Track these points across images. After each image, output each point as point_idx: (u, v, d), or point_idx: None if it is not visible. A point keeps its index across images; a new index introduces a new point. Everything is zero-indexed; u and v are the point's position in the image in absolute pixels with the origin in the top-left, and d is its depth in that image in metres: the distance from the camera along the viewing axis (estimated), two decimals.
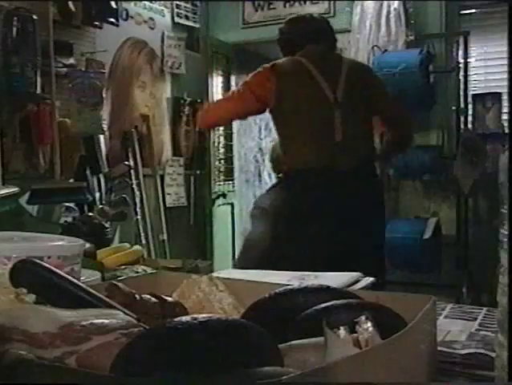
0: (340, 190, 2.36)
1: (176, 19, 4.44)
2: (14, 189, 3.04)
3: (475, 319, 1.06)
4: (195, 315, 0.63)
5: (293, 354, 0.66)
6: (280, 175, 2.80)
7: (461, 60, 3.89)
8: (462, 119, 3.85)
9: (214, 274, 1.14)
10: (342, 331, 0.67)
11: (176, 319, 0.62)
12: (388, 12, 3.99)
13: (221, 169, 4.99)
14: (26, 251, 0.93)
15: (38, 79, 2.99)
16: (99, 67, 3.61)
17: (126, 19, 3.97)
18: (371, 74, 2.66)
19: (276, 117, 2.50)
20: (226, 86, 5.00)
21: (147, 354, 0.58)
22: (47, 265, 0.79)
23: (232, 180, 5.11)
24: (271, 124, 2.68)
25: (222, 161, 4.99)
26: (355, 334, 0.67)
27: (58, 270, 0.80)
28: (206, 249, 4.71)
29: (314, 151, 2.38)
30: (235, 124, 4.94)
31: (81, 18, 3.51)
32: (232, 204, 5.07)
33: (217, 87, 4.92)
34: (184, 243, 4.40)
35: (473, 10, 4.09)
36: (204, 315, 0.63)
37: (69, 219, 2.52)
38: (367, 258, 2.30)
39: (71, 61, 3.43)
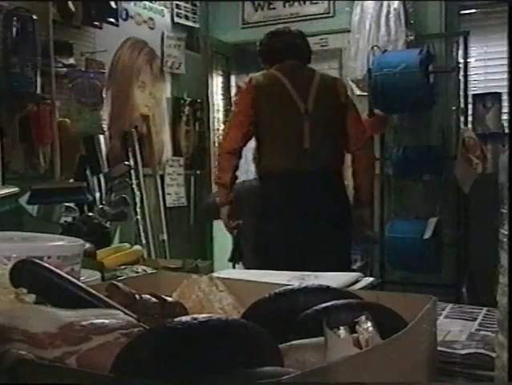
0: (306, 191, 2.62)
1: (176, 19, 4.44)
2: (14, 189, 3.05)
3: (475, 319, 1.06)
4: (195, 315, 0.63)
5: (293, 354, 0.66)
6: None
7: (461, 60, 3.89)
8: (462, 119, 3.85)
9: (214, 274, 1.14)
10: (342, 331, 0.67)
11: (176, 319, 0.62)
12: (388, 12, 3.99)
13: None
14: (26, 251, 0.93)
15: (38, 79, 2.99)
16: (99, 67, 3.61)
17: (126, 19, 3.97)
18: (340, 87, 2.84)
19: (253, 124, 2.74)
20: (226, 86, 5.00)
21: (147, 354, 0.58)
22: (47, 265, 0.79)
23: None
24: None
25: None
26: (355, 334, 0.67)
27: (58, 270, 0.80)
28: (206, 249, 4.71)
29: (284, 157, 2.66)
30: None
31: (81, 18, 3.51)
32: None
33: (216, 87, 4.93)
34: (184, 243, 4.40)
35: (473, 10, 4.10)
36: (204, 315, 0.63)
37: (69, 219, 2.52)
38: (332, 253, 2.61)
39: (71, 61, 3.43)
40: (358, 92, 4.22)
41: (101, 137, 3.61)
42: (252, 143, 2.81)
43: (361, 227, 2.88)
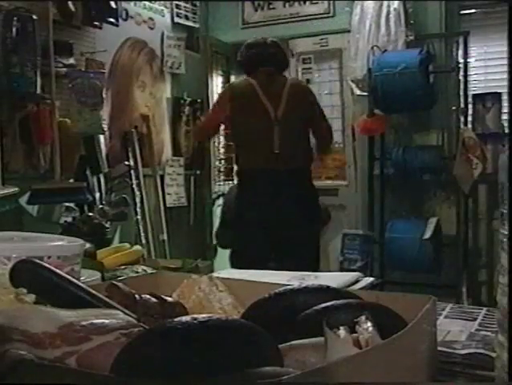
0: (277, 188, 2.96)
1: (176, 19, 4.44)
2: (13, 189, 3.05)
3: (475, 319, 1.06)
4: (195, 315, 0.63)
5: (293, 354, 0.66)
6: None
7: (461, 60, 3.88)
8: (462, 119, 3.85)
9: (214, 274, 1.14)
10: (342, 331, 0.67)
11: (176, 319, 0.62)
12: (388, 12, 3.99)
13: (221, 169, 4.99)
14: (26, 251, 0.93)
15: (38, 79, 2.98)
16: (99, 67, 3.61)
17: (126, 19, 3.97)
18: (308, 94, 3.19)
19: (230, 127, 3.21)
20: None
21: (147, 354, 0.58)
22: (47, 265, 0.79)
23: (232, 180, 5.11)
24: None
25: (222, 161, 4.99)
26: (355, 334, 0.67)
27: (58, 270, 0.80)
28: (206, 249, 4.71)
29: (256, 158, 3.01)
30: None
31: (81, 18, 3.51)
32: None
33: (216, 86, 4.92)
34: (184, 243, 4.40)
35: (473, 10, 4.09)
36: (204, 315, 0.63)
37: (69, 219, 2.52)
38: (302, 239, 3.03)
39: (71, 61, 3.43)
40: (358, 92, 4.22)
41: (101, 137, 3.61)
42: None
43: None
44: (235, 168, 3.26)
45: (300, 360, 0.65)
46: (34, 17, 2.99)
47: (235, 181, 3.53)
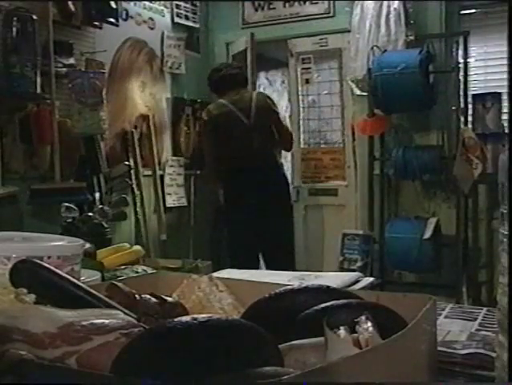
0: (256, 181, 3.56)
1: (176, 19, 4.44)
2: (13, 189, 3.05)
3: (475, 319, 1.06)
4: (195, 315, 0.63)
5: (293, 354, 0.66)
6: None
7: (461, 60, 3.88)
8: (462, 119, 3.85)
9: (214, 274, 1.14)
10: (342, 331, 0.67)
11: (176, 319, 0.62)
12: (388, 12, 3.99)
13: None
14: (26, 251, 0.93)
15: (38, 79, 2.98)
16: (99, 67, 3.61)
17: (126, 19, 3.97)
18: (270, 104, 3.74)
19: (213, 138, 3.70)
20: None
21: (147, 354, 0.58)
22: (47, 265, 0.79)
23: None
24: None
25: None
26: (355, 334, 0.67)
27: (58, 270, 0.80)
28: (206, 249, 4.71)
29: (238, 157, 3.60)
30: None
31: (81, 18, 3.51)
32: None
33: None
34: (184, 243, 4.40)
35: (473, 10, 4.09)
36: (204, 315, 0.63)
37: (69, 219, 2.52)
38: (278, 219, 3.67)
39: (71, 61, 3.43)
40: (358, 92, 4.22)
41: (101, 137, 3.61)
42: None
43: None
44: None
45: (300, 360, 0.65)
46: (34, 17, 2.99)
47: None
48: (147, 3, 4.18)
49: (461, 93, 3.83)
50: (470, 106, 3.86)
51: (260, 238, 3.67)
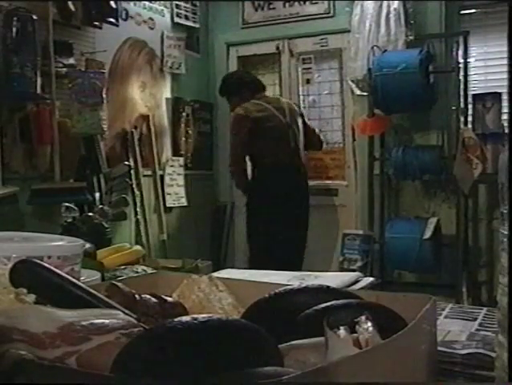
0: (294, 179, 3.80)
1: (176, 19, 4.44)
2: (14, 189, 3.05)
3: (475, 319, 1.06)
4: (195, 315, 0.63)
5: (293, 354, 0.66)
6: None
7: (461, 60, 3.88)
8: (462, 119, 3.85)
9: (214, 274, 1.14)
10: (342, 331, 0.67)
11: (176, 319, 0.62)
12: (388, 12, 3.99)
13: None
14: (26, 251, 0.93)
15: (38, 79, 2.98)
16: (99, 67, 3.61)
17: (126, 19, 3.97)
18: (296, 106, 3.97)
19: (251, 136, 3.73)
20: None
21: (147, 354, 0.58)
22: (47, 265, 0.79)
23: None
24: None
25: None
26: (355, 334, 0.67)
27: (58, 270, 0.80)
28: (206, 249, 4.71)
29: (278, 155, 3.74)
30: None
31: (81, 18, 3.51)
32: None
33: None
34: (184, 243, 4.40)
35: (473, 10, 4.09)
36: (204, 315, 0.62)
37: (69, 219, 2.52)
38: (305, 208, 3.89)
39: (71, 61, 3.43)
40: (358, 92, 4.22)
41: (101, 137, 3.61)
42: None
43: None
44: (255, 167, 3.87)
45: (300, 360, 0.65)
46: (34, 17, 2.99)
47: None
48: (147, 3, 4.18)
49: (461, 93, 3.83)
50: (470, 106, 3.86)
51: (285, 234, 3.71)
